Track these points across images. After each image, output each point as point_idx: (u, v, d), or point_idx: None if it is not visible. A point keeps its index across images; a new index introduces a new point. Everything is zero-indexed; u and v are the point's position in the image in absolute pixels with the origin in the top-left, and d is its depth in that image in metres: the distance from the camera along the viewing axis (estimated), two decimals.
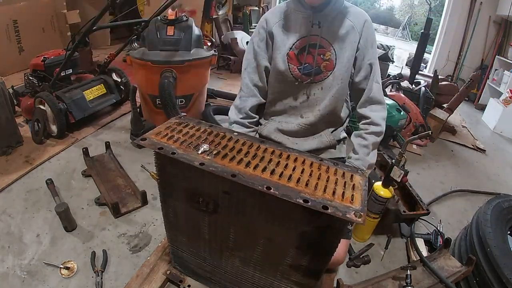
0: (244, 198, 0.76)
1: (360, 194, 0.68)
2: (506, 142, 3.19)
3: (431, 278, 1.25)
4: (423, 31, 3.05)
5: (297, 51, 1.09)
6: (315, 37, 1.07)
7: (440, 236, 1.56)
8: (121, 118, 2.48)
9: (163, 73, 1.92)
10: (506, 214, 1.38)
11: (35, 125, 2.00)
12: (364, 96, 1.13)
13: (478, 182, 2.26)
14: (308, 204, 0.63)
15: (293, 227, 0.75)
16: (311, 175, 0.72)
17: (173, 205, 0.92)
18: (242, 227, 0.84)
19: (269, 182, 0.68)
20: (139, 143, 0.77)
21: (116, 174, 1.77)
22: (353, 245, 1.48)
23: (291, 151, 0.82)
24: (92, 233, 1.41)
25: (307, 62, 1.09)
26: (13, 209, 1.49)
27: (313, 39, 1.07)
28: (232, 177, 0.67)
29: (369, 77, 1.11)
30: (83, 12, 3.68)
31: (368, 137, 1.12)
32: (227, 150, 0.77)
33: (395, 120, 2.30)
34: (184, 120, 0.90)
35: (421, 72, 3.68)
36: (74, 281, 1.19)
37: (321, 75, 1.10)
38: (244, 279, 0.98)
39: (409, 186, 1.63)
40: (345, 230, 0.99)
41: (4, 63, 3.00)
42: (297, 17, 1.08)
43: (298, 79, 1.11)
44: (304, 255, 0.79)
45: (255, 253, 0.87)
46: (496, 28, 4.23)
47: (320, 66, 1.09)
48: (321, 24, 1.05)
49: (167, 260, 1.18)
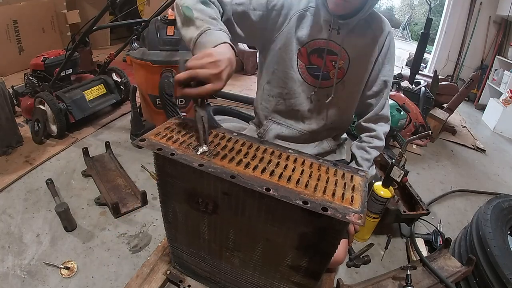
0: (243, 199, 0.76)
1: (360, 195, 0.68)
2: (506, 142, 3.19)
3: (431, 278, 1.25)
4: (423, 31, 3.05)
5: (310, 50, 1.00)
6: (331, 43, 0.98)
7: (440, 236, 1.56)
8: (121, 118, 2.49)
9: (163, 73, 1.91)
10: (506, 214, 1.38)
11: (35, 125, 2.00)
12: (372, 113, 1.08)
13: (478, 182, 2.26)
14: (308, 206, 0.62)
15: (292, 228, 0.74)
16: (310, 176, 0.72)
17: (172, 206, 0.92)
18: (241, 228, 0.83)
19: (269, 183, 0.67)
20: (138, 144, 0.76)
21: (116, 174, 1.77)
22: (353, 245, 1.48)
23: (291, 152, 0.81)
24: (92, 233, 1.41)
25: (315, 64, 1.02)
26: (13, 209, 1.49)
27: (329, 44, 0.98)
28: (231, 179, 0.67)
29: (382, 94, 1.05)
30: (83, 12, 3.68)
31: (371, 151, 1.08)
32: (226, 151, 0.76)
33: (395, 120, 2.30)
34: (183, 120, 0.90)
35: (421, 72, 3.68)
36: (74, 281, 1.19)
37: (328, 81, 1.03)
38: (244, 279, 0.98)
39: (409, 186, 1.63)
40: (345, 230, 0.99)
41: (4, 63, 3.00)
42: (318, 17, 0.97)
43: (303, 79, 1.04)
44: (304, 256, 0.78)
45: (255, 253, 0.87)
46: (496, 28, 4.23)
47: (329, 72, 1.02)
48: (340, 31, 0.97)
49: (167, 260, 1.18)
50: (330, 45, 0.98)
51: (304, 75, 1.04)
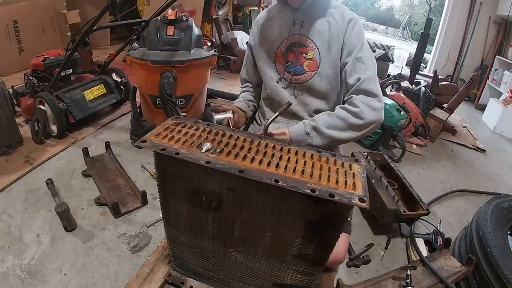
0: (249, 193, 0.78)
1: (361, 181, 0.72)
2: (506, 142, 3.19)
3: (431, 278, 1.25)
4: (423, 31, 3.06)
5: (283, 50, 1.11)
6: (296, 36, 1.07)
7: (440, 236, 1.56)
8: (121, 118, 2.49)
9: (163, 73, 1.91)
10: (506, 214, 1.38)
11: (35, 125, 2.00)
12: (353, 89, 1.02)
13: (478, 182, 2.26)
14: (316, 193, 0.66)
15: (299, 217, 0.77)
16: (313, 166, 0.75)
17: (174, 206, 0.92)
18: (247, 222, 0.85)
19: (276, 175, 0.70)
20: (140, 145, 0.77)
21: (116, 174, 1.77)
22: (353, 245, 1.48)
23: (291, 144, 0.84)
24: (92, 233, 1.41)
25: (289, 60, 1.10)
26: (13, 209, 1.49)
27: (295, 37, 1.08)
28: (240, 173, 0.69)
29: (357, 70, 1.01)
30: (83, 12, 3.68)
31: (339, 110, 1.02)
32: (230, 148, 0.78)
33: (395, 120, 2.30)
34: (182, 120, 0.90)
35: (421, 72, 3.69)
36: (74, 281, 1.19)
37: (305, 75, 1.10)
38: (248, 274, 0.99)
39: (409, 186, 1.63)
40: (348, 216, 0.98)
41: (4, 63, 3.00)
42: (281, 17, 1.10)
43: (284, 78, 1.13)
44: (310, 244, 0.81)
45: (260, 246, 0.88)
46: (496, 28, 4.23)
47: (303, 65, 1.09)
48: (304, 24, 1.06)
49: (167, 260, 1.18)
50: (301, 38, 1.07)
51: (282, 72, 1.14)
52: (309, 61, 1.08)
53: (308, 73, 1.09)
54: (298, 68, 1.09)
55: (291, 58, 1.10)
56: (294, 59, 1.09)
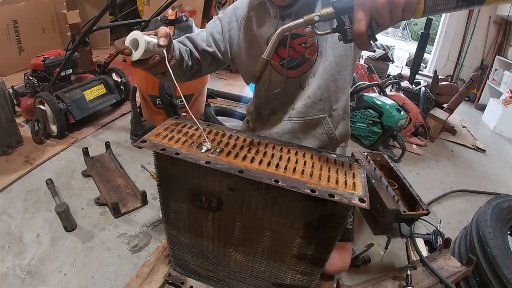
0: (249, 193, 0.78)
1: (361, 181, 0.72)
2: (506, 142, 3.19)
3: (431, 278, 1.25)
4: (423, 31, 3.06)
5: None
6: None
7: (440, 236, 1.56)
8: (121, 118, 2.48)
9: None
10: (506, 214, 1.38)
11: (35, 125, 2.00)
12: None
13: (478, 182, 2.26)
14: (316, 194, 0.65)
15: (298, 217, 0.77)
16: (313, 166, 0.75)
17: (174, 206, 0.92)
18: (247, 222, 0.85)
19: (276, 175, 0.70)
20: (140, 145, 0.77)
21: (116, 174, 1.77)
22: (353, 245, 1.48)
23: (290, 145, 0.84)
24: (92, 233, 1.41)
25: (289, 56, 1.01)
26: (13, 209, 1.49)
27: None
28: (240, 173, 0.69)
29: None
30: (83, 12, 3.68)
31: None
32: (229, 148, 0.78)
33: (395, 120, 2.30)
34: (181, 120, 0.90)
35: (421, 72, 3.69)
36: (74, 281, 1.19)
37: (308, 62, 1.02)
38: (248, 274, 0.99)
39: (409, 186, 1.63)
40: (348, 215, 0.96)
41: (4, 63, 3.00)
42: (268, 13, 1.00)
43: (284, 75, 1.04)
44: (310, 244, 0.81)
45: (260, 246, 0.88)
46: (496, 28, 4.23)
47: (304, 54, 1.01)
48: (293, 15, 0.96)
49: (167, 260, 1.18)
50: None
51: (282, 71, 1.04)
52: (310, 48, 1.00)
53: (311, 58, 1.01)
54: (301, 59, 1.01)
55: (291, 53, 1.01)
56: (293, 53, 1.01)
